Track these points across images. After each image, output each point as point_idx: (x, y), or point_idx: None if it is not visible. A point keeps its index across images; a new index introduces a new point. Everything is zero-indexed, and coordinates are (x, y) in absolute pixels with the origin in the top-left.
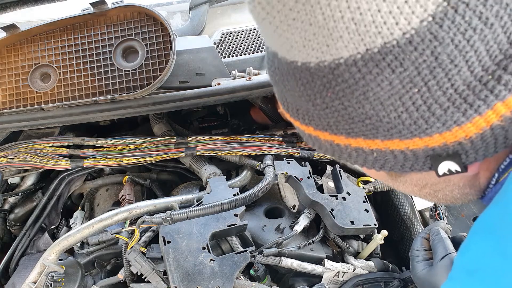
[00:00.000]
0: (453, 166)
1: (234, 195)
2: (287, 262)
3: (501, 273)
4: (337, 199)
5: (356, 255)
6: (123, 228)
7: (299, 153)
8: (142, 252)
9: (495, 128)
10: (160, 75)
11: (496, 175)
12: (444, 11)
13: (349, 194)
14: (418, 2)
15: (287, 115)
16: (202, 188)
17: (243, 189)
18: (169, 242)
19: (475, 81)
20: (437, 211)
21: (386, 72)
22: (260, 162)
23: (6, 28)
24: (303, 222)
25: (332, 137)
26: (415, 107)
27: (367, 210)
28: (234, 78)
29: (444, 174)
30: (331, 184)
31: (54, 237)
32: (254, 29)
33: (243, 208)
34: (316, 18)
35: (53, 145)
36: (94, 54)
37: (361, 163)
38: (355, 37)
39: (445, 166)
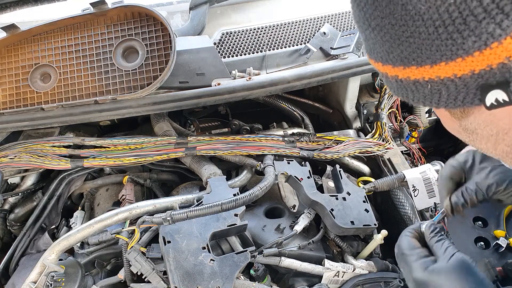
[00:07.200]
0: (501, 95)
1: (234, 195)
2: (287, 262)
3: None
4: (337, 199)
5: (356, 255)
6: (123, 228)
7: (299, 153)
8: (142, 252)
9: None
10: (160, 75)
11: None
12: None
13: (349, 194)
14: None
15: (370, 61)
16: (202, 188)
17: (243, 189)
18: (169, 242)
19: None
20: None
21: None
22: (260, 162)
23: (6, 28)
24: (303, 222)
25: (394, 70)
26: (452, 20)
27: (367, 210)
28: (234, 78)
29: (492, 106)
30: (331, 184)
31: (54, 237)
32: (254, 29)
33: (243, 208)
34: None
35: (53, 145)
36: (94, 54)
37: (422, 100)
38: None
39: (493, 95)
